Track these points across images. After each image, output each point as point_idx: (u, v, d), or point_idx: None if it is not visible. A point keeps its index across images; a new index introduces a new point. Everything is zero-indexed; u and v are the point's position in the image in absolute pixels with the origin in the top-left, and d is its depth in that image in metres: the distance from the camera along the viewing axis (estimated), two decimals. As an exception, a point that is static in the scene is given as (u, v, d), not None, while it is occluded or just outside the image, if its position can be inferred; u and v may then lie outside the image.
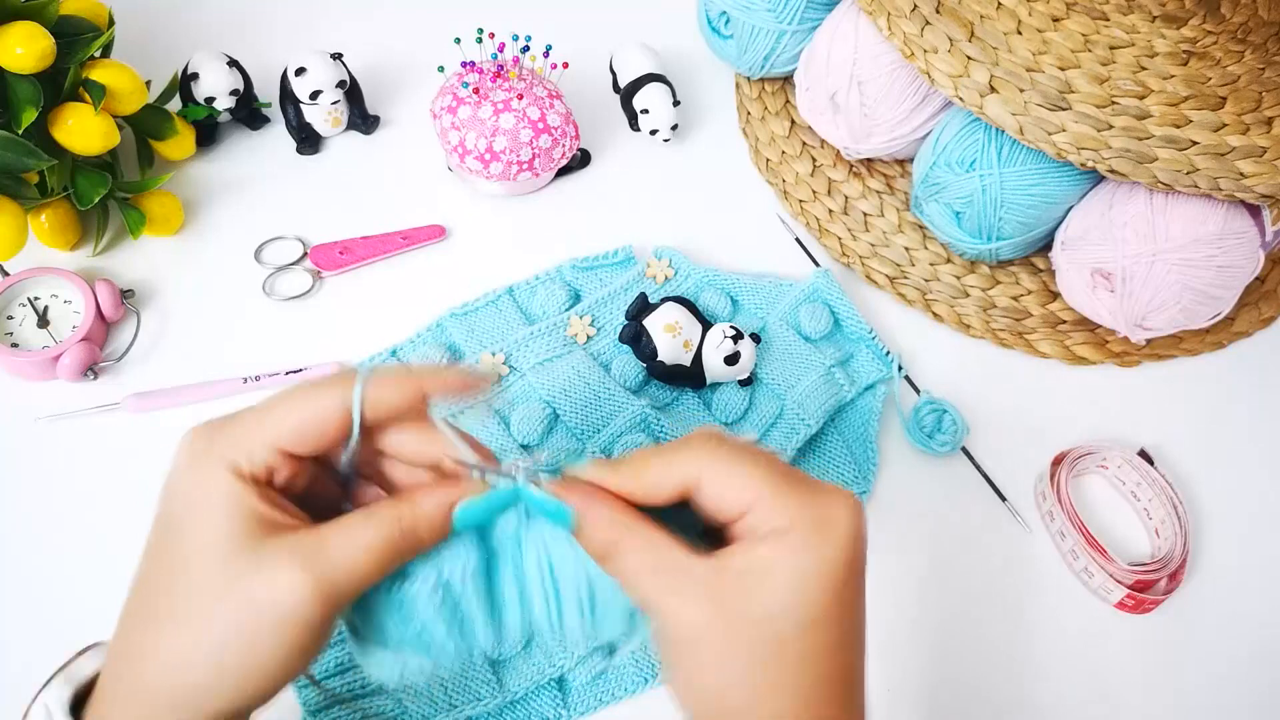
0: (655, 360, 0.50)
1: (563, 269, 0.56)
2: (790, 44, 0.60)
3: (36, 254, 0.54)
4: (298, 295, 0.55)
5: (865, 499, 0.50)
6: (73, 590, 0.45)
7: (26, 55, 0.47)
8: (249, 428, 0.28)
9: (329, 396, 0.28)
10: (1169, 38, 0.49)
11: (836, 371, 0.52)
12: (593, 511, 0.28)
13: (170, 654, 0.26)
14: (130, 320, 0.54)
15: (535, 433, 0.49)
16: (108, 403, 0.50)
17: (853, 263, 0.59)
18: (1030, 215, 0.52)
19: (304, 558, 0.26)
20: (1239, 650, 0.48)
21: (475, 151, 0.55)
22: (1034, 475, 0.52)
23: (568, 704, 0.44)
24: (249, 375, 0.51)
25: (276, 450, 0.28)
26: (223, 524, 0.27)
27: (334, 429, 0.28)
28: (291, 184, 0.60)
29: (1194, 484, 0.52)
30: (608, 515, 0.28)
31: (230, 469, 0.27)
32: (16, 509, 0.47)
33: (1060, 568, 0.49)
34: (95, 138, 0.51)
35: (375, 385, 0.29)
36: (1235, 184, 0.46)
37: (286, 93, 0.58)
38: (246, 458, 0.27)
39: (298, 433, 0.28)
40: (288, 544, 0.27)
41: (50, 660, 0.31)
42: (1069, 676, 0.46)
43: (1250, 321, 0.58)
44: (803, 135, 0.63)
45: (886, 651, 0.46)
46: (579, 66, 0.60)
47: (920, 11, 0.50)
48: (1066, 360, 0.56)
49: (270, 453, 0.28)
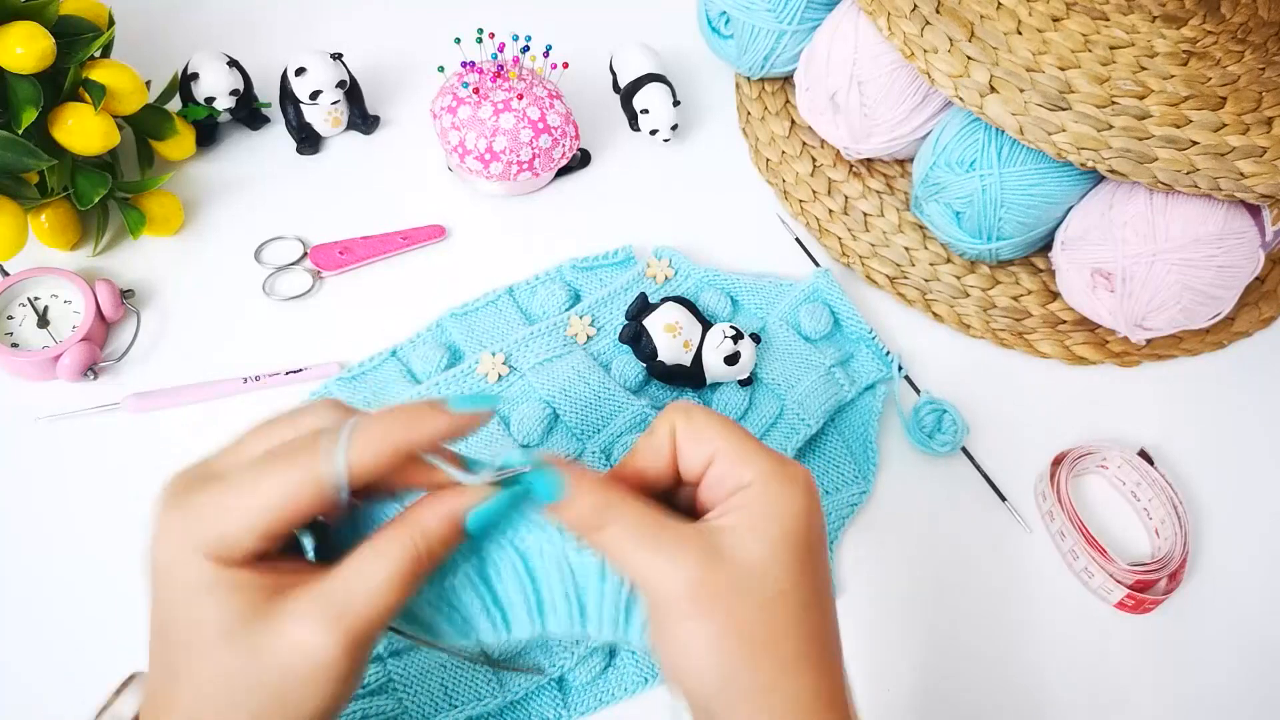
0: (655, 360, 0.50)
1: (563, 269, 0.56)
2: (790, 44, 0.60)
3: (36, 254, 0.54)
4: (298, 295, 0.55)
5: (865, 499, 0.50)
6: (72, 590, 0.45)
7: (26, 55, 0.47)
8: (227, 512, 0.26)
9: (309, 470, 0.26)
10: (1169, 38, 0.49)
11: (836, 371, 0.52)
12: (580, 478, 0.29)
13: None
14: (130, 320, 0.54)
15: (535, 433, 0.49)
16: (108, 403, 0.50)
17: (853, 263, 0.59)
18: (1030, 215, 0.52)
19: (323, 608, 0.26)
20: (1239, 650, 0.48)
21: (475, 151, 0.55)
22: (1034, 475, 0.52)
23: (568, 704, 0.44)
24: (249, 375, 0.51)
25: (258, 535, 0.26)
26: (219, 609, 0.26)
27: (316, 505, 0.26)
28: (291, 184, 0.60)
29: (1194, 484, 0.52)
30: (596, 479, 0.29)
31: (210, 557, 0.26)
32: (16, 509, 0.47)
33: (1060, 568, 0.49)
34: (95, 138, 0.51)
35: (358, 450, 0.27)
36: (1235, 184, 0.46)
37: (286, 93, 0.58)
38: (228, 546, 0.26)
39: (279, 515, 0.26)
40: (302, 600, 0.26)
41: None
42: (1069, 676, 0.46)
43: (1250, 321, 0.58)
44: (803, 135, 0.63)
45: (886, 651, 0.46)
46: (579, 66, 0.60)
47: (920, 11, 0.50)
48: (1066, 360, 0.56)
49: (253, 538, 0.26)
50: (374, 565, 0.27)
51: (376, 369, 0.52)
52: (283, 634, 0.26)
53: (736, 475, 0.29)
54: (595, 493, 0.28)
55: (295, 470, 0.26)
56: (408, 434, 0.27)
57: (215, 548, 0.26)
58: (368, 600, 0.26)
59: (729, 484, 0.29)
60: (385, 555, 0.27)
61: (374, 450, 0.27)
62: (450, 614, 0.30)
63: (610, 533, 0.28)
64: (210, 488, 0.27)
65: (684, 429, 0.30)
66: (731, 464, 0.29)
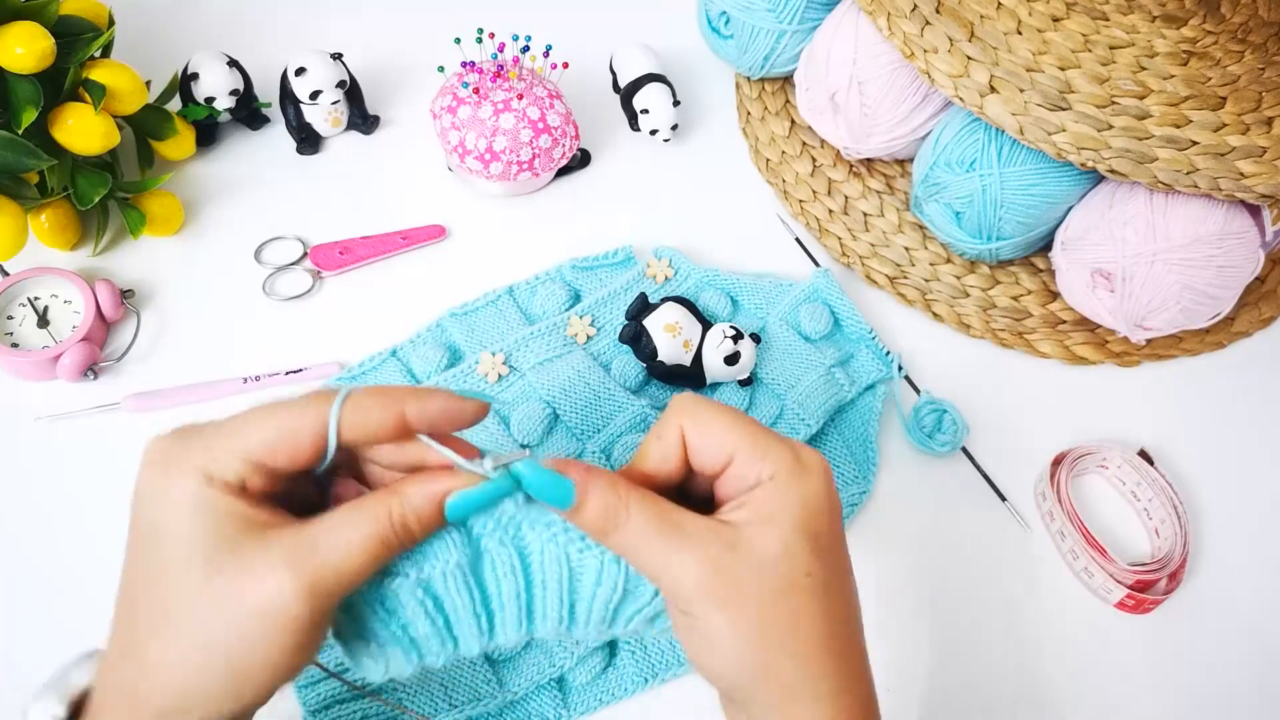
0: (655, 360, 0.50)
1: (563, 269, 0.56)
2: (790, 44, 0.60)
3: (36, 254, 0.54)
4: (298, 295, 0.55)
5: (865, 499, 0.50)
6: (72, 590, 0.45)
7: (26, 55, 0.47)
8: (220, 438, 0.27)
9: (305, 415, 0.27)
10: (1169, 38, 0.49)
11: (836, 371, 0.52)
12: (592, 481, 0.28)
13: (159, 662, 0.26)
14: (130, 320, 0.54)
15: (535, 433, 0.49)
16: (107, 403, 0.50)
17: (853, 263, 0.59)
18: (1030, 215, 0.52)
19: (291, 557, 0.26)
20: (1239, 650, 0.48)
21: (475, 151, 0.55)
22: (1034, 475, 0.52)
23: (568, 704, 0.44)
24: (249, 375, 0.51)
25: (248, 462, 0.27)
26: (199, 528, 0.26)
27: (307, 448, 0.27)
28: (291, 184, 0.60)
29: (1194, 484, 0.52)
30: (607, 481, 0.29)
31: (201, 474, 0.26)
32: (16, 509, 0.48)
33: (1060, 568, 0.49)
34: (95, 138, 0.51)
35: (354, 408, 0.28)
36: (1235, 184, 0.46)
37: (286, 93, 0.58)
38: (217, 466, 0.27)
39: (270, 448, 0.27)
40: (274, 543, 0.26)
41: (49, 661, 0.31)
42: (1068, 676, 0.46)
43: (1250, 321, 0.58)
44: (803, 135, 0.63)
45: (886, 651, 0.46)
46: (579, 66, 0.60)
47: (920, 11, 0.50)
48: (1066, 360, 0.56)
49: (242, 464, 0.27)
50: (351, 524, 0.27)
51: (376, 369, 0.52)
52: (251, 571, 0.26)
53: (757, 472, 0.29)
54: (607, 493, 0.28)
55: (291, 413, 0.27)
56: (403, 407, 0.28)
57: (206, 465, 0.26)
58: (337, 554, 0.26)
59: (749, 479, 0.29)
60: (363, 516, 0.27)
61: (370, 412, 0.28)
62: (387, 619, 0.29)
63: (625, 533, 0.28)
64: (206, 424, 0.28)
65: (694, 430, 0.30)
66: (751, 463, 0.29)
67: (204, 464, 0.27)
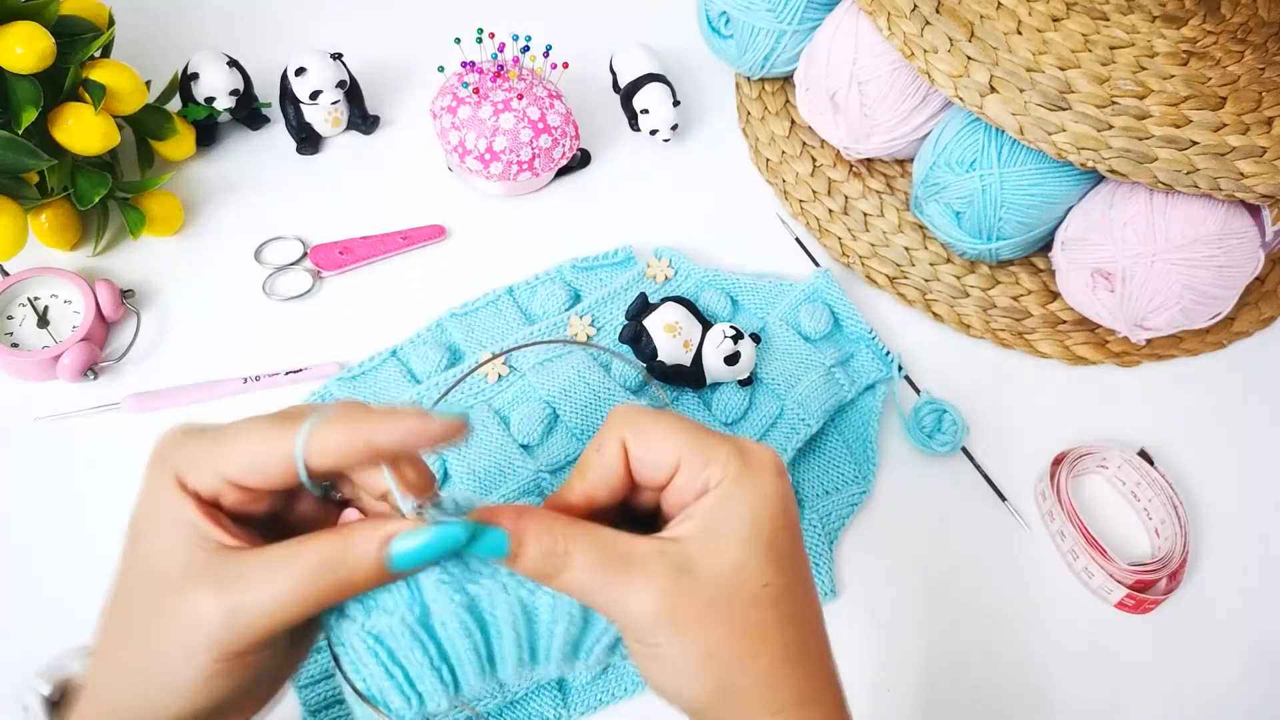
0: (655, 360, 0.50)
1: (563, 269, 0.56)
2: (790, 44, 0.60)
3: (36, 254, 0.54)
4: (298, 295, 0.55)
5: (865, 499, 0.50)
6: (72, 590, 0.45)
7: (26, 55, 0.47)
8: (203, 449, 0.27)
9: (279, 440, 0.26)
10: (1169, 38, 0.49)
11: (836, 371, 0.52)
12: (527, 524, 0.27)
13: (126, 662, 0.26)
14: (130, 320, 0.54)
15: (535, 433, 0.49)
16: (108, 403, 0.50)
17: (853, 263, 0.59)
18: (1030, 215, 0.52)
19: (218, 583, 0.25)
20: (1239, 650, 0.48)
21: (475, 151, 0.55)
22: (1034, 475, 0.52)
23: (568, 704, 0.44)
24: (249, 375, 0.51)
25: (222, 478, 0.26)
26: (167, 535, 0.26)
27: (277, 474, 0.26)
28: (291, 184, 0.60)
29: (1194, 484, 0.52)
30: (543, 523, 0.27)
31: (175, 480, 0.26)
32: (16, 509, 0.48)
33: (1060, 568, 0.49)
34: (95, 138, 0.51)
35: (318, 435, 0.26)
36: (1235, 184, 0.46)
37: (286, 93, 0.58)
38: (195, 474, 0.26)
39: (243, 469, 0.26)
40: (212, 566, 0.25)
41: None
42: (1069, 676, 0.46)
43: (1250, 321, 0.58)
44: (803, 135, 0.63)
45: (886, 651, 0.46)
46: (579, 66, 0.60)
47: (920, 11, 0.50)
48: (1066, 360, 0.56)
49: (215, 480, 0.26)
50: (283, 561, 0.25)
51: (376, 369, 0.52)
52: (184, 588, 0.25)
53: (703, 478, 0.28)
54: (543, 538, 0.27)
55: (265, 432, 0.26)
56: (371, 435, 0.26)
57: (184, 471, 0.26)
58: (261, 590, 0.25)
59: (695, 487, 0.28)
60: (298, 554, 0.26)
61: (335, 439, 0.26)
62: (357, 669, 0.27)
63: (570, 574, 0.27)
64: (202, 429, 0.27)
65: (635, 441, 0.29)
66: (696, 469, 0.28)
67: (183, 470, 0.26)
